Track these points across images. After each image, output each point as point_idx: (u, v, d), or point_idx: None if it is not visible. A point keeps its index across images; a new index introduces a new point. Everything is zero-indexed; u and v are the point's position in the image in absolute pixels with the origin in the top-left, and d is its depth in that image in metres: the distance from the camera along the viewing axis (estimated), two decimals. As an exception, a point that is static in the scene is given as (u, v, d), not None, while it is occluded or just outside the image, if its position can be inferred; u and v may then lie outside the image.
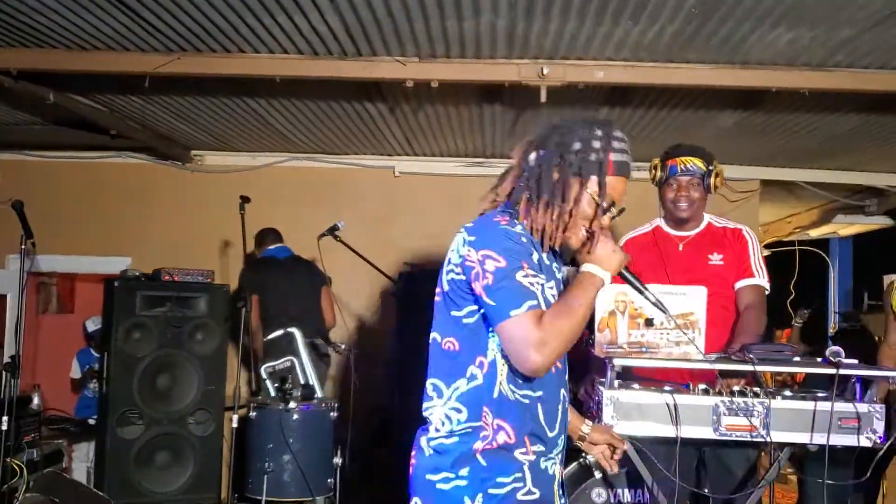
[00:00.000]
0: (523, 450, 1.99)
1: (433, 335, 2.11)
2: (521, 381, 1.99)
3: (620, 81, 4.24)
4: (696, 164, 3.42)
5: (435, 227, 6.64)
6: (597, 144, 1.97)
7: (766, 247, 8.82)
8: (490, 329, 1.97)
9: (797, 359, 2.96)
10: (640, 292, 2.18)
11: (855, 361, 2.96)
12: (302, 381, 4.62)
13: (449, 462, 1.98)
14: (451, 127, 5.70)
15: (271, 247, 5.61)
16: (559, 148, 2.00)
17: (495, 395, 1.98)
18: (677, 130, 5.41)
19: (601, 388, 2.79)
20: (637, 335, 2.88)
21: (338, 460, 4.56)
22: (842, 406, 2.78)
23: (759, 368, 2.84)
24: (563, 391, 2.10)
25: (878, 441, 2.79)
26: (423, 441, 2.06)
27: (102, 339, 5.21)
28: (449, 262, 2.06)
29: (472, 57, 4.23)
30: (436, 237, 6.58)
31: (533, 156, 2.05)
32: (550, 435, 2.04)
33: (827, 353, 2.88)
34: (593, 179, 1.97)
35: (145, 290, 5.05)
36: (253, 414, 4.65)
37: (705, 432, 2.82)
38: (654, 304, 2.22)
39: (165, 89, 4.83)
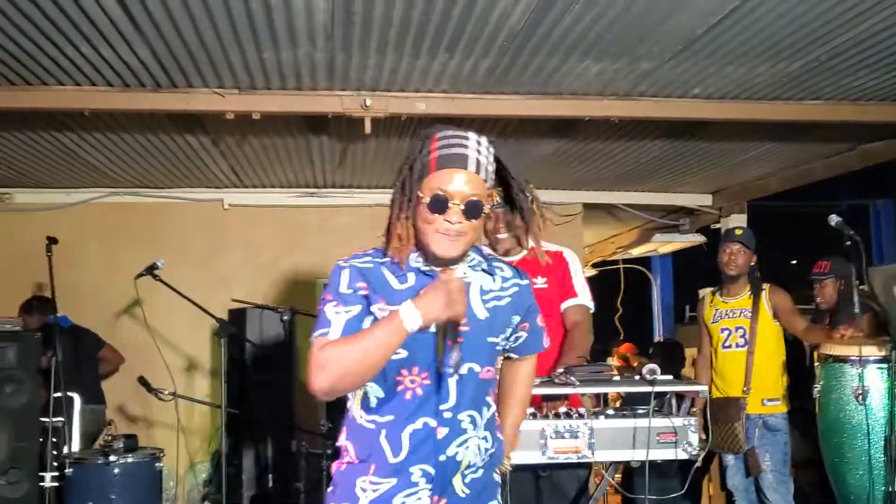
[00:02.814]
0: (363, 478, 1.97)
1: None
2: (371, 406, 2.00)
3: (440, 112, 4.31)
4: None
5: (266, 259, 6.51)
6: (418, 151, 1.99)
7: (593, 266, 9.23)
8: None
9: (616, 378, 3.09)
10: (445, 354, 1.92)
11: (670, 377, 3.12)
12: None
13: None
14: (279, 158, 5.61)
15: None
16: (401, 169, 2.02)
17: (351, 416, 2.05)
18: (500, 158, 5.54)
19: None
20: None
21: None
22: (659, 421, 2.92)
23: (580, 390, 2.94)
24: (429, 419, 1.96)
25: (694, 452, 2.95)
26: None
27: None
28: None
29: (294, 88, 4.19)
30: (267, 269, 6.46)
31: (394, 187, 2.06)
32: (392, 461, 1.96)
33: (643, 371, 3.02)
34: (424, 182, 1.94)
35: (-55, 342, 4.61)
36: (69, 471, 4.32)
37: (534, 456, 2.88)
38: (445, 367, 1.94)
39: (-37, 125, 4.47)
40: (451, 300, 1.85)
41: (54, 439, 4.65)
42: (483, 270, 2.07)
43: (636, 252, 8.68)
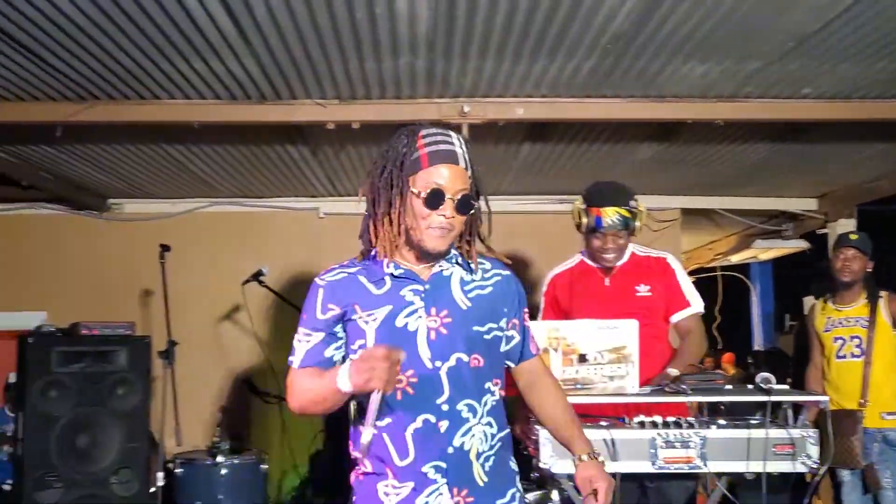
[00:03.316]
0: (385, 483, 2.00)
1: None
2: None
3: (540, 117, 4.28)
4: (620, 214, 3.36)
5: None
6: (403, 149, 2.03)
7: (690, 273, 9.01)
8: None
9: (728, 387, 2.99)
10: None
11: (785, 387, 3.01)
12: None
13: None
14: (376, 167, 5.66)
15: None
16: (378, 167, 2.08)
17: (353, 427, 2.11)
18: (598, 164, 5.49)
19: (538, 427, 2.76)
20: (571, 372, 2.87)
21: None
22: (776, 433, 2.81)
23: (692, 399, 2.86)
24: (427, 415, 1.98)
25: (813, 466, 2.83)
26: None
27: (16, 399, 4.95)
28: None
29: (393, 97, 4.22)
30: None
31: (368, 188, 2.13)
32: (400, 464, 1.98)
33: (757, 379, 2.92)
34: (414, 178, 2.00)
35: (61, 346, 4.83)
36: (179, 471, 4.46)
37: (644, 466, 2.82)
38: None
39: (79, 138, 4.68)
40: (372, 378, 1.82)
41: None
42: (458, 263, 2.11)
43: (735, 259, 8.44)
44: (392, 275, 2.05)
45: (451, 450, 1.99)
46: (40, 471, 4.65)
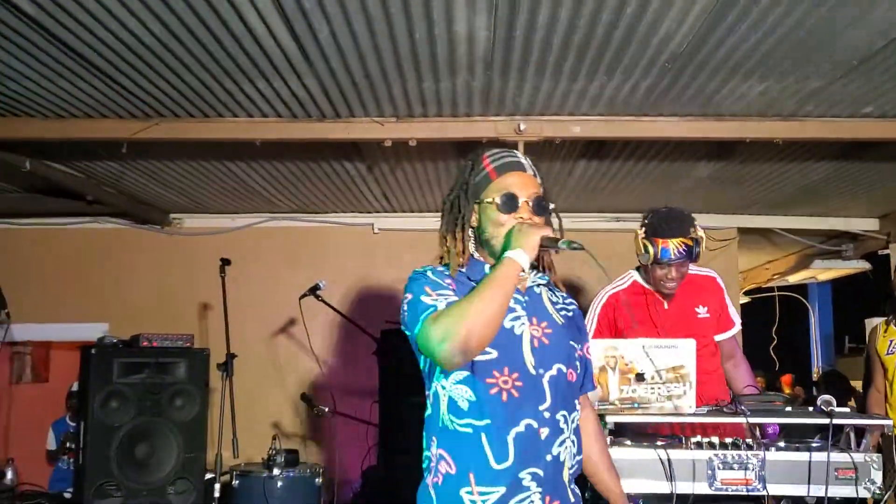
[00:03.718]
0: (468, 489, 1.95)
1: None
2: (462, 410, 1.99)
3: (596, 135, 4.29)
4: (686, 245, 3.36)
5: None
6: (467, 171, 2.16)
7: (746, 293, 8.87)
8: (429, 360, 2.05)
9: (789, 409, 2.95)
10: (558, 250, 2.04)
11: (847, 409, 2.95)
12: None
13: (420, 499, 2.06)
14: (429, 183, 5.72)
15: None
16: (451, 191, 2.20)
17: (440, 424, 2.03)
18: (655, 182, 5.46)
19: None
20: (628, 391, 2.86)
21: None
22: (838, 456, 2.76)
23: (752, 420, 2.82)
24: (530, 420, 1.97)
25: (877, 492, 2.77)
26: None
27: (78, 409, 5.09)
28: None
29: (449, 115, 4.27)
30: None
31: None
32: (497, 467, 1.94)
33: (819, 401, 2.87)
34: (486, 192, 2.09)
35: (122, 357, 4.94)
36: (235, 482, 4.53)
37: (701, 487, 2.78)
38: (568, 247, 2.00)
39: (143, 154, 4.82)
40: (532, 226, 1.99)
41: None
42: (543, 285, 2.17)
43: (793, 279, 8.28)
44: (467, 277, 2.09)
45: (549, 457, 1.98)
46: (100, 479, 4.74)
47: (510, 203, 2.05)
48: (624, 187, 5.64)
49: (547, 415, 1.99)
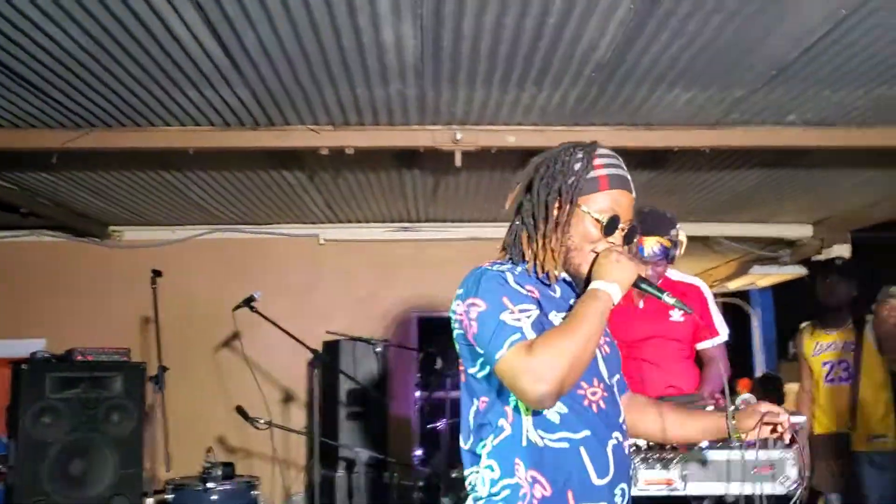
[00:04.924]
0: None
1: (470, 401, 1.94)
2: (554, 423, 1.79)
3: (530, 145, 4.33)
4: (662, 245, 3.43)
5: (361, 293, 6.63)
6: (578, 166, 1.90)
7: (689, 300, 8.99)
8: None
9: (710, 408, 3.00)
10: (659, 298, 1.96)
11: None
12: None
13: None
14: (373, 192, 5.73)
15: None
16: (544, 179, 1.92)
17: (524, 443, 1.80)
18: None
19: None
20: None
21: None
22: (755, 455, 2.82)
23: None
24: (617, 432, 1.85)
25: (793, 487, 2.84)
26: None
27: (8, 426, 4.97)
28: (451, 321, 1.92)
29: (386, 124, 4.29)
30: (362, 302, 6.58)
31: (525, 196, 1.97)
32: (598, 482, 1.77)
33: (738, 401, 2.93)
34: (588, 199, 1.88)
35: (56, 372, 4.86)
36: (170, 496, 4.47)
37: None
38: (675, 305, 1.96)
39: (77, 165, 4.76)
40: (628, 261, 1.82)
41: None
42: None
43: (733, 286, 8.44)
44: (564, 280, 1.94)
45: (631, 471, 1.95)
46: (33, 498, 4.64)
47: (612, 226, 1.87)
48: (563, 196, 5.69)
49: (625, 427, 1.90)
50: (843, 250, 6.47)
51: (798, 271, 7.43)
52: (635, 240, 1.96)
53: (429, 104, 4.01)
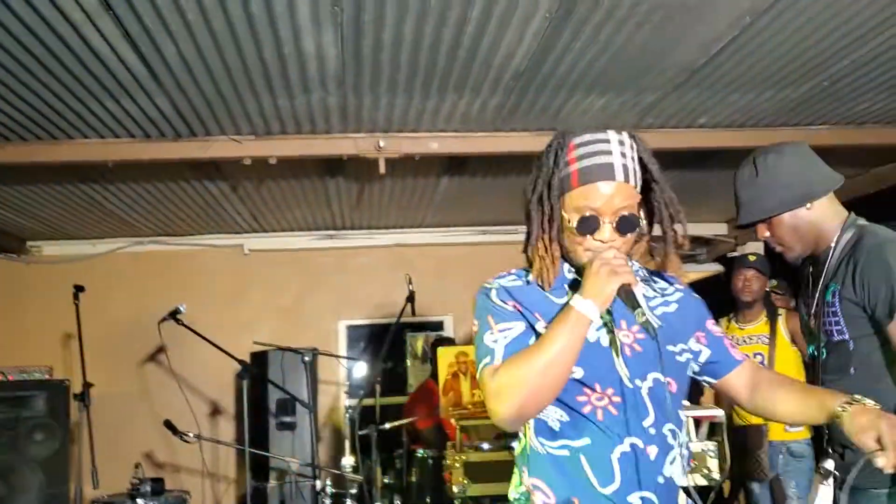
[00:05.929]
0: None
1: None
2: (554, 431, 1.75)
3: (453, 151, 4.41)
4: None
5: (288, 302, 6.60)
6: (553, 163, 1.79)
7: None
8: None
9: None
10: (632, 312, 1.71)
11: (685, 402, 3.14)
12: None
13: None
14: (297, 201, 5.72)
15: None
16: (531, 184, 1.84)
17: (529, 451, 1.80)
18: (516, 196, 5.56)
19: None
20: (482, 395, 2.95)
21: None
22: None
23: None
24: (636, 439, 1.72)
25: (715, 479, 2.96)
26: None
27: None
28: None
29: (309, 132, 4.30)
30: (289, 311, 6.55)
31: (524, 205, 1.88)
32: (604, 491, 1.70)
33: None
34: (564, 199, 1.76)
35: (-27, 393, 4.72)
36: (98, 514, 4.39)
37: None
38: (643, 325, 1.70)
39: (-8, 180, 4.63)
40: (611, 270, 1.66)
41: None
42: (641, 279, 1.83)
43: (654, 283, 8.66)
44: (575, 279, 1.80)
45: (661, 479, 1.72)
46: (-48, 522, 4.51)
47: (586, 226, 1.72)
48: (487, 202, 5.80)
49: (652, 431, 1.73)
50: (756, 247, 6.71)
51: (714, 268, 7.67)
52: (639, 227, 1.76)
53: (351, 112, 4.04)
